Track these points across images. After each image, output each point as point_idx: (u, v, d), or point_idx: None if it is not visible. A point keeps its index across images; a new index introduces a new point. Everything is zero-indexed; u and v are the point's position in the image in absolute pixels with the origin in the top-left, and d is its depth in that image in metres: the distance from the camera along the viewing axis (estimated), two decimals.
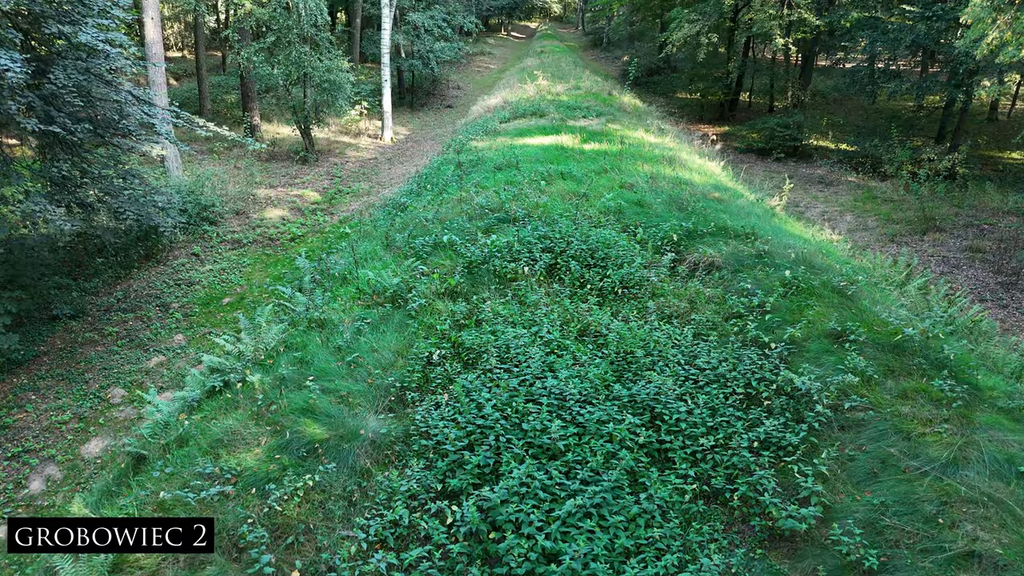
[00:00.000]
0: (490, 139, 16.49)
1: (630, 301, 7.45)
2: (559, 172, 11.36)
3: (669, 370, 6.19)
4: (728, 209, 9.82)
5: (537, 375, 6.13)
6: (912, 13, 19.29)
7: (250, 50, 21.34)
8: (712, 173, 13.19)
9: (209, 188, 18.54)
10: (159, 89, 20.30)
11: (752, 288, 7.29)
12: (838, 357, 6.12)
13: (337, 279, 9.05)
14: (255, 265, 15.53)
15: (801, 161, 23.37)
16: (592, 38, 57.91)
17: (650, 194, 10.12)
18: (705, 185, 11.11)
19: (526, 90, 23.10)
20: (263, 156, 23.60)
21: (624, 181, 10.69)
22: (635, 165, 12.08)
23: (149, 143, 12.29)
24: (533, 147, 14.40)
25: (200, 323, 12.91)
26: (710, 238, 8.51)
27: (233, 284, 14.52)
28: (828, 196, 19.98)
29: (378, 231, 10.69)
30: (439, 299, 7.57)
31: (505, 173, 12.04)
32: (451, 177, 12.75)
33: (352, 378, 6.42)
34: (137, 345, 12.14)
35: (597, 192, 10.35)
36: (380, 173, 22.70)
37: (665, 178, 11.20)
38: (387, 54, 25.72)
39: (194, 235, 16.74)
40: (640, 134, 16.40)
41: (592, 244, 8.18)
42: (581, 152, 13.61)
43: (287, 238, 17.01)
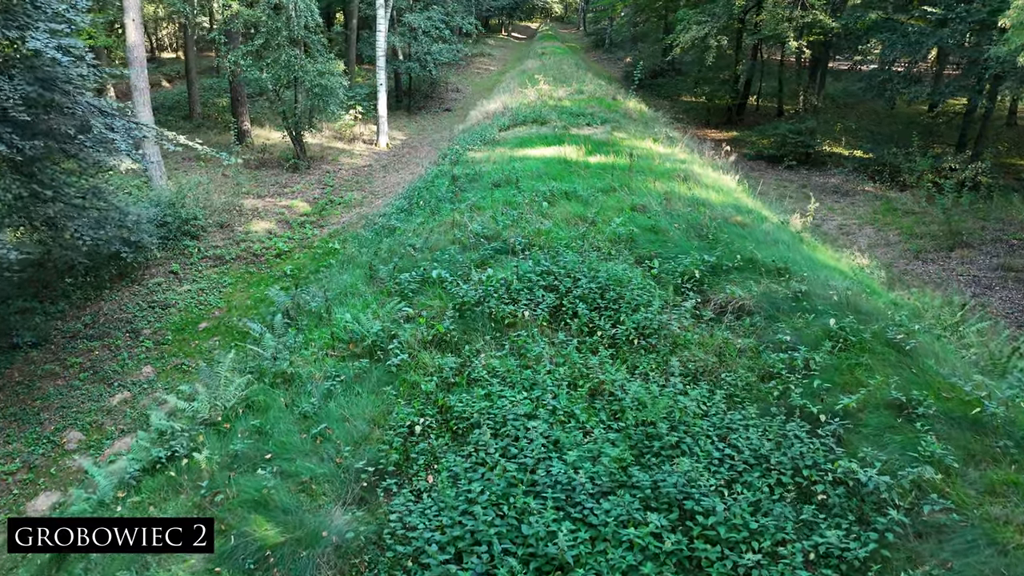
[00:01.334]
0: (488, 149, 15.38)
1: (648, 353, 6.35)
2: (563, 191, 10.25)
3: (699, 450, 5.09)
4: (752, 235, 8.72)
5: (540, 456, 5.04)
6: (934, 15, 18.16)
7: (237, 53, 20.23)
8: (729, 189, 12.08)
9: (192, 199, 17.44)
10: (142, 95, 19.24)
11: (792, 341, 6.19)
12: (905, 437, 5.02)
13: (313, 316, 7.95)
14: (236, 285, 14.42)
15: (814, 169, 22.24)
16: (594, 39, 56.78)
17: (665, 218, 9.02)
18: (724, 206, 10.00)
19: (527, 95, 21.97)
20: (253, 163, 22.50)
21: (635, 202, 9.58)
22: (646, 182, 10.98)
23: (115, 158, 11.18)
24: (534, 159, 13.30)
25: (172, 352, 11.81)
26: (737, 274, 7.40)
27: (211, 307, 13.42)
28: (845, 207, 18.85)
29: (363, 255, 9.60)
30: (425, 349, 6.48)
31: (503, 191, 10.94)
32: (445, 194, 11.66)
33: (318, 456, 5.33)
34: (101, 379, 11.03)
35: (605, 216, 9.24)
36: (374, 181, 21.59)
37: (680, 198, 10.09)
38: (382, 57, 24.60)
39: (174, 251, 15.64)
40: (648, 144, 15.29)
41: (602, 281, 7.08)
42: (586, 166, 12.50)
43: (272, 254, 15.91)
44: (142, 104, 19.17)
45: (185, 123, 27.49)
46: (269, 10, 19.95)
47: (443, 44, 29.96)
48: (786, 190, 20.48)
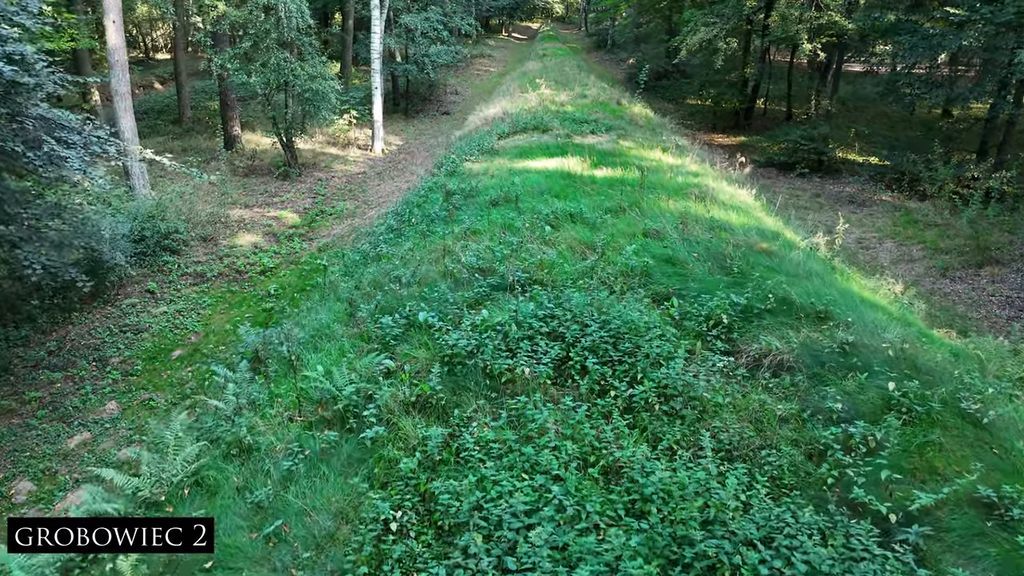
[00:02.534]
0: (487, 160, 14.34)
1: (672, 420, 5.31)
2: (567, 212, 9.22)
3: (742, 561, 4.06)
4: (782, 266, 7.68)
5: (546, 573, 4.01)
6: (956, 16, 17.08)
7: (224, 56, 19.18)
8: (748, 207, 11.04)
9: (174, 210, 16.41)
10: (123, 100, 18.22)
11: (844, 409, 5.15)
12: (1001, 550, 3.98)
13: (284, 362, 6.92)
14: (216, 306, 13.39)
15: (827, 177, 21.18)
16: (595, 39, 55.70)
17: (682, 245, 7.98)
18: (746, 229, 8.96)
19: (527, 99, 20.92)
20: (242, 170, 21.46)
21: (647, 226, 8.54)
22: (658, 201, 9.94)
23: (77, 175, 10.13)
24: (535, 173, 12.26)
25: (140, 385, 10.78)
26: (771, 319, 6.36)
27: (187, 331, 12.38)
28: (862, 218, 17.80)
29: (345, 285, 8.56)
30: (407, 414, 5.44)
31: (502, 211, 9.90)
32: (438, 212, 10.61)
33: (269, 565, 4.30)
34: (60, 416, 10.00)
35: (615, 243, 8.21)
36: (368, 190, 20.55)
37: (696, 219, 9.05)
38: (378, 60, 23.55)
39: (152, 267, 14.61)
40: (657, 154, 14.24)
41: (615, 328, 6.04)
42: (592, 181, 11.46)
43: (257, 271, 14.88)
44: (123, 110, 18.18)
45: (174, 127, 26.48)
46: (258, 11, 18.90)
47: (442, 46, 28.89)
48: (799, 200, 19.43)
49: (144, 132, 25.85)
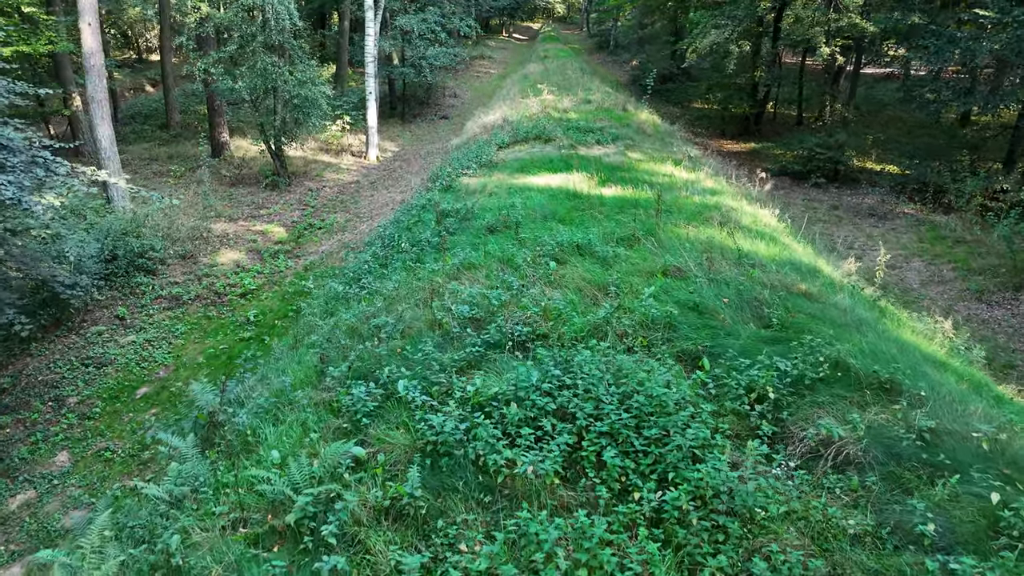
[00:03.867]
0: (485, 174, 13.18)
1: (714, 537, 4.16)
2: (573, 243, 8.05)
3: None
4: (826, 313, 6.53)
5: None
6: (986, 19, 15.90)
7: (208, 60, 18.02)
8: (774, 232, 9.88)
9: (151, 226, 15.28)
10: (100, 107, 17.09)
11: (939, 535, 3.99)
12: None
13: (239, 437, 5.76)
14: (191, 334, 12.24)
15: (844, 187, 20.00)
16: (597, 40, 54.52)
17: (709, 288, 6.82)
18: (779, 264, 7.80)
19: (528, 105, 19.74)
20: (228, 179, 20.31)
21: (667, 263, 7.38)
22: (676, 227, 8.78)
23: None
24: (537, 191, 11.11)
25: (98, 430, 9.63)
26: (824, 390, 5.20)
27: (156, 364, 11.24)
28: (885, 234, 16.62)
29: (319, 331, 7.39)
30: (379, 525, 4.30)
31: (499, 240, 8.74)
32: (430, 238, 9.46)
33: None
34: (4, 470, 8.85)
35: (630, 283, 7.05)
36: (360, 201, 19.40)
37: (722, 251, 7.89)
38: (372, 63, 22.37)
39: (123, 290, 13.47)
40: (669, 168, 13.08)
41: (637, 407, 4.87)
42: (600, 201, 10.30)
43: (237, 293, 13.73)
44: (100, 118, 17.05)
45: (162, 133, 25.35)
46: (243, 12, 17.74)
47: (440, 48, 27.70)
48: (816, 212, 18.26)
49: (129, 138, 24.74)
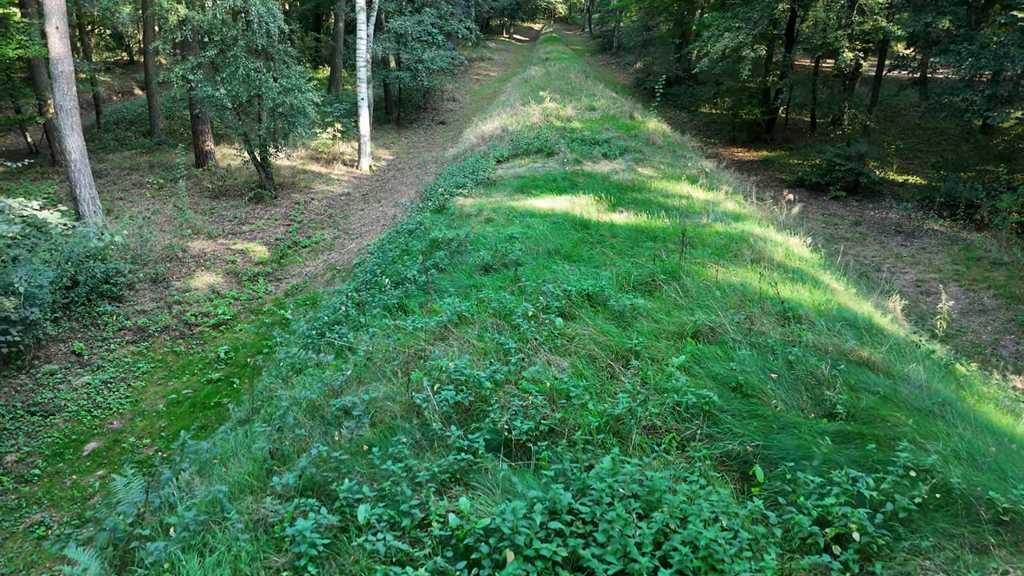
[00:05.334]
0: (482, 195, 11.87)
1: None
2: (582, 291, 6.73)
3: None
4: (898, 392, 5.21)
5: None
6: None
7: (186, 65, 16.70)
8: (808, 263, 8.55)
9: (120, 247, 13.97)
10: (69, 116, 15.79)
11: None
12: None
13: (157, 570, 4.44)
14: (153, 374, 10.94)
15: (866, 200, 18.65)
16: (600, 42, 53.21)
17: (751, 356, 5.49)
18: (828, 317, 6.47)
19: (529, 113, 18.42)
20: (211, 192, 19.01)
21: (698, 323, 6.04)
22: (701, 266, 7.46)
23: None
24: (539, 217, 9.79)
25: (35, 497, 8.32)
26: (925, 526, 3.86)
27: (110, 412, 9.93)
28: (915, 253, 15.29)
29: (275, 404, 6.08)
30: None
31: (496, 281, 7.43)
32: (416, 276, 8.13)
33: None
34: None
35: (654, 348, 5.74)
36: (350, 215, 18.09)
37: (760, 301, 6.57)
38: (364, 68, 21.05)
39: (84, 320, 12.17)
40: (685, 187, 11.75)
41: (679, 559, 3.55)
42: (611, 230, 8.99)
43: (210, 323, 12.42)
44: (69, 128, 15.76)
45: (145, 140, 24.03)
46: (223, 15, 16.42)
47: (437, 50, 26.36)
48: (838, 229, 16.94)
49: (111, 145, 23.43)
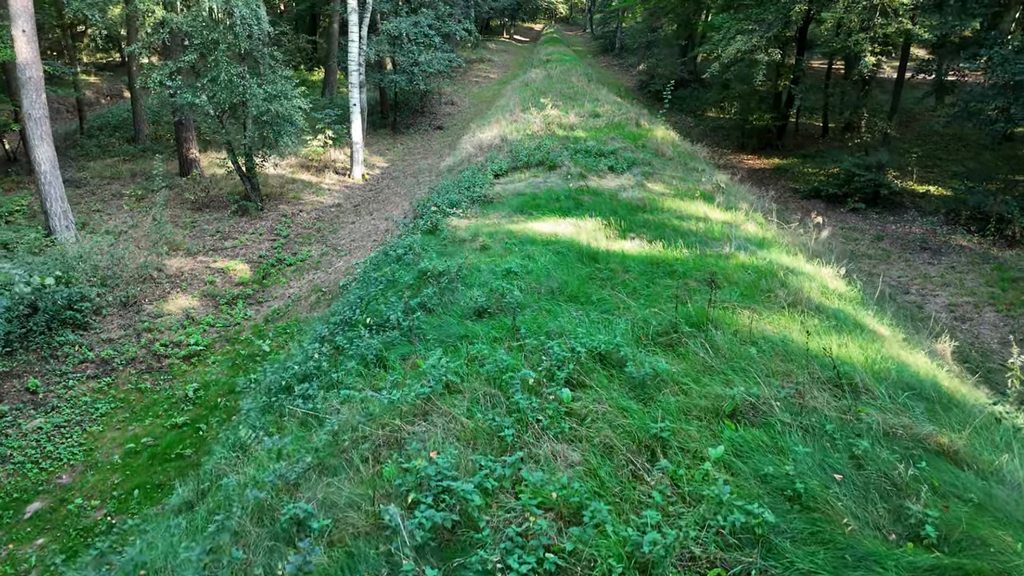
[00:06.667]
0: (478, 215, 10.76)
1: None
2: (594, 350, 5.60)
3: None
4: (994, 499, 4.10)
5: None
6: None
7: (163, 71, 15.59)
8: (843, 298, 7.42)
9: (90, 266, 12.87)
10: (39, 125, 14.72)
11: None
12: None
13: None
14: (114, 416, 9.83)
15: (887, 212, 17.52)
16: (602, 43, 52.04)
17: (809, 452, 4.37)
18: (889, 382, 5.34)
19: (530, 121, 17.29)
20: (193, 203, 17.89)
21: (736, 396, 4.92)
22: (730, 313, 6.34)
23: None
24: (541, 244, 8.67)
25: None
26: None
27: (60, 464, 8.82)
28: (944, 273, 14.16)
29: (225, 495, 4.99)
30: None
31: (489, 332, 6.31)
32: (399, 323, 7.02)
33: None
34: None
35: (683, 434, 4.62)
36: (340, 230, 16.98)
37: (807, 362, 5.46)
38: (356, 72, 19.92)
39: (44, 351, 11.06)
40: (701, 207, 10.63)
41: None
42: (622, 263, 7.87)
43: (181, 355, 11.30)
44: (38, 137, 14.70)
45: (130, 147, 22.91)
46: (204, 17, 15.31)
47: (434, 53, 25.23)
48: (859, 244, 15.81)
49: (93, 152, 22.30)
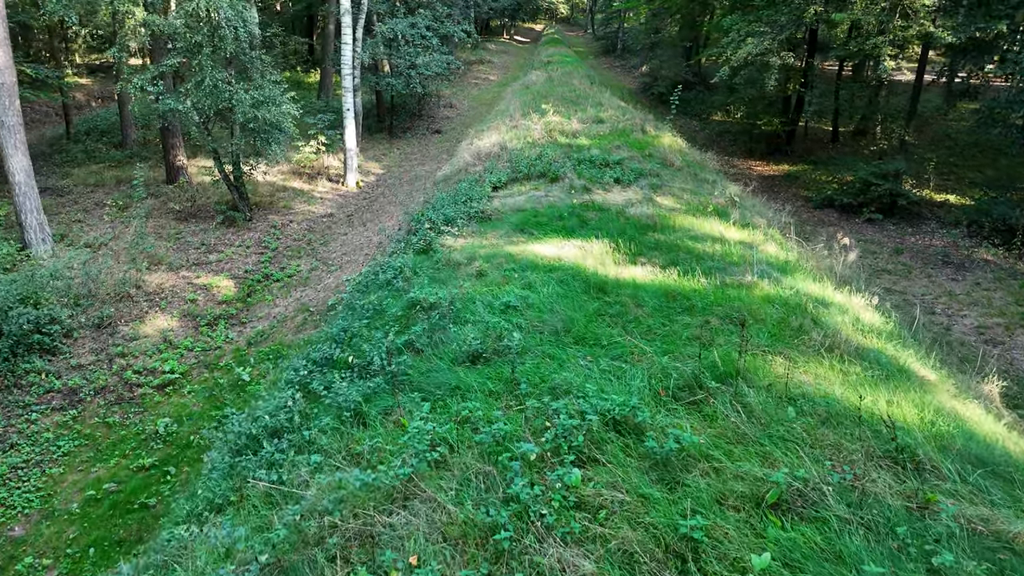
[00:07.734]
0: (475, 233, 9.91)
1: None
2: (607, 414, 4.76)
3: None
4: None
5: None
6: None
7: (144, 76, 14.75)
8: (879, 334, 6.58)
9: (63, 284, 12.06)
10: (12, 134, 14.01)
11: None
12: None
13: None
14: (76, 456, 8.99)
15: (904, 223, 16.66)
16: (603, 44, 51.18)
17: (870, 555, 3.54)
18: (951, 451, 4.52)
19: (530, 128, 16.44)
20: (178, 213, 17.05)
21: (782, 483, 4.05)
22: (762, 362, 5.50)
23: None
24: (544, 272, 7.82)
25: None
26: None
27: (14, 514, 7.97)
28: (970, 291, 13.31)
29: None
30: None
31: (484, 383, 5.47)
32: (382, 366, 6.18)
33: None
34: None
35: (718, 526, 3.79)
36: (332, 242, 16.14)
37: (856, 427, 4.62)
38: (350, 75, 19.07)
39: (7, 380, 10.24)
40: (715, 226, 9.78)
41: None
42: (634, 296, 7.03)
43: (154, 384, 10.46)
44: (12, 146, 13.96)
45: (116, 152, 22.09)
46: (188, 19, 14.46)
47: (432, 54, 24.37)
48: (876, 259, 14.95)
49: (79, 159, 21.47)
